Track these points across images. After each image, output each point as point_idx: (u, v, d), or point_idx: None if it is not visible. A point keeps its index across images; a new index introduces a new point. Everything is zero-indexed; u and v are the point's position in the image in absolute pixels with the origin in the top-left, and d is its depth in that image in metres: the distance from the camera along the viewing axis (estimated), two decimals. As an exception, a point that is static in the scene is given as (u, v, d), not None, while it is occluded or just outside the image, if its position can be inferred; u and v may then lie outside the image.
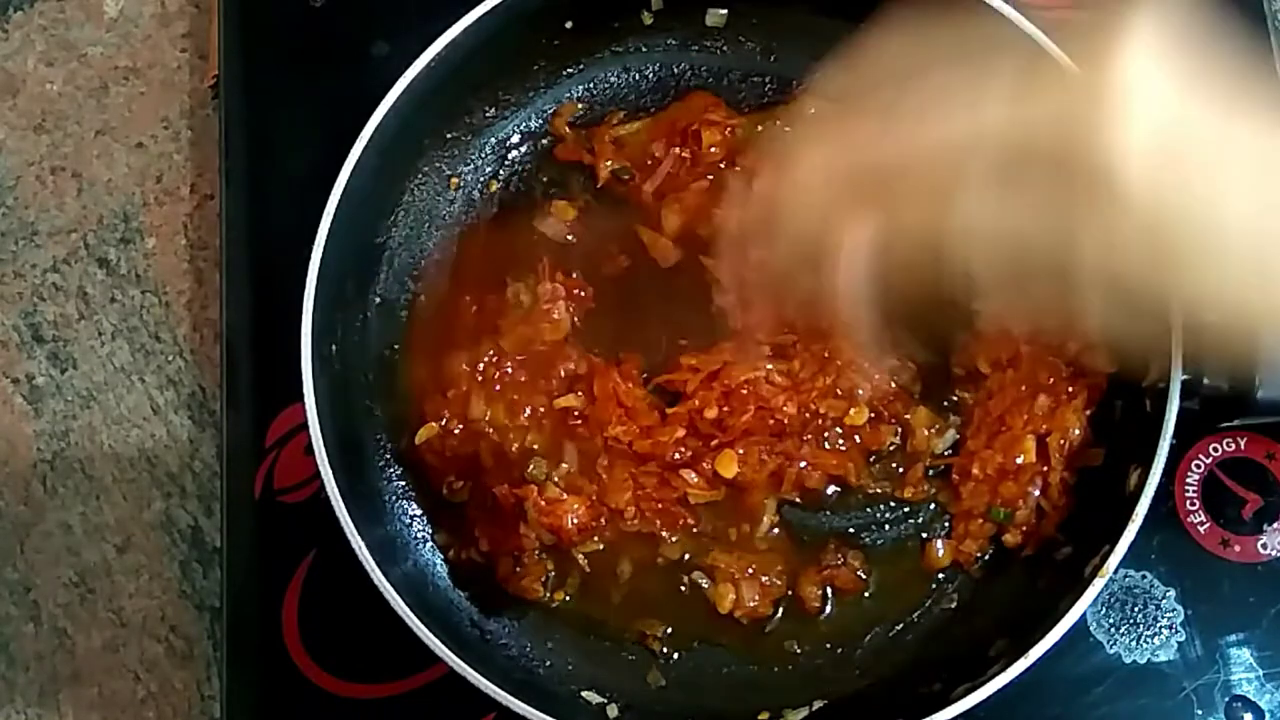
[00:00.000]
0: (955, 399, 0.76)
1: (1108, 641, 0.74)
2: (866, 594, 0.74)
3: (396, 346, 0.79)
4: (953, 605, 0.74)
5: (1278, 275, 0.51)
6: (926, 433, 0.75)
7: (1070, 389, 0.71)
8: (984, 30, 0.57)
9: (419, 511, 0.77)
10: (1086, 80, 0.50)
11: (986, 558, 0.74)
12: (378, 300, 0.80)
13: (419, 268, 0.81)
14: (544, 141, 0.83)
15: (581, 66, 0.84)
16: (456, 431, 0.75)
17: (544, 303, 0.77)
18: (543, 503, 0.73)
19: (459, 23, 0.74)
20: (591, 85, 0.84)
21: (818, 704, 0.72)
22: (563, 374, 0.76)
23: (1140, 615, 0.74)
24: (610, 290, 0.79)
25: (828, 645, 0.74)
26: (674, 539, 0.75)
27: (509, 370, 0.76)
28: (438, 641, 0.65)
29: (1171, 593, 0.75)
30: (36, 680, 0.81)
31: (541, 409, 0.76)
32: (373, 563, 0.67)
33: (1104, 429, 0.73)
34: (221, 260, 0.83)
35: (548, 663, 0.74)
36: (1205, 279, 0.51)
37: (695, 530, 0.75)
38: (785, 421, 0.73)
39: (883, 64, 0.59)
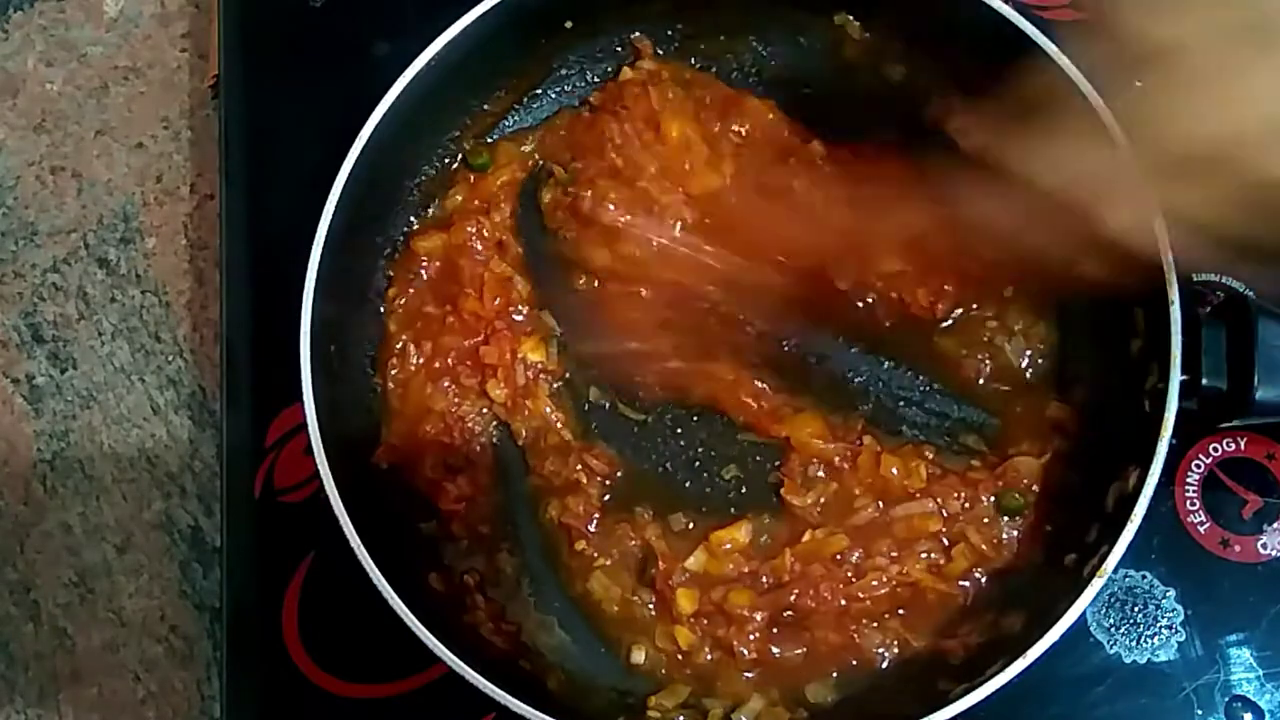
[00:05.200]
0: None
1: (1108, 641, 0.74)
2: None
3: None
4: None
5: None
6: None
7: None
8: None
9: (418, 511, 0.77)
10: None
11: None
12: (378, 300, 0.80)
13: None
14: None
15: (581, 66, 0.84)
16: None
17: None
18: None
19: (459, 22, 0.75)
20: (591, 85, 0.84)
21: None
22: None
23: (1140, 615, 0.74)
24: None
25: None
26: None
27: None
28: (438, 642, 0.66)
29: (1171, 593, 0.75)
30: (36, 680, 0.81)
31: None
32: (372, 563, 0.67)
33: (1104, 429, 0.73)
34: (221, 260, 0.83)
35: (548, 662, 0.74)
36: None
37: None
38: None
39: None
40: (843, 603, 0.72)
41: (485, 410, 0.78)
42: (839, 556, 0.73)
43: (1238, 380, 0.68)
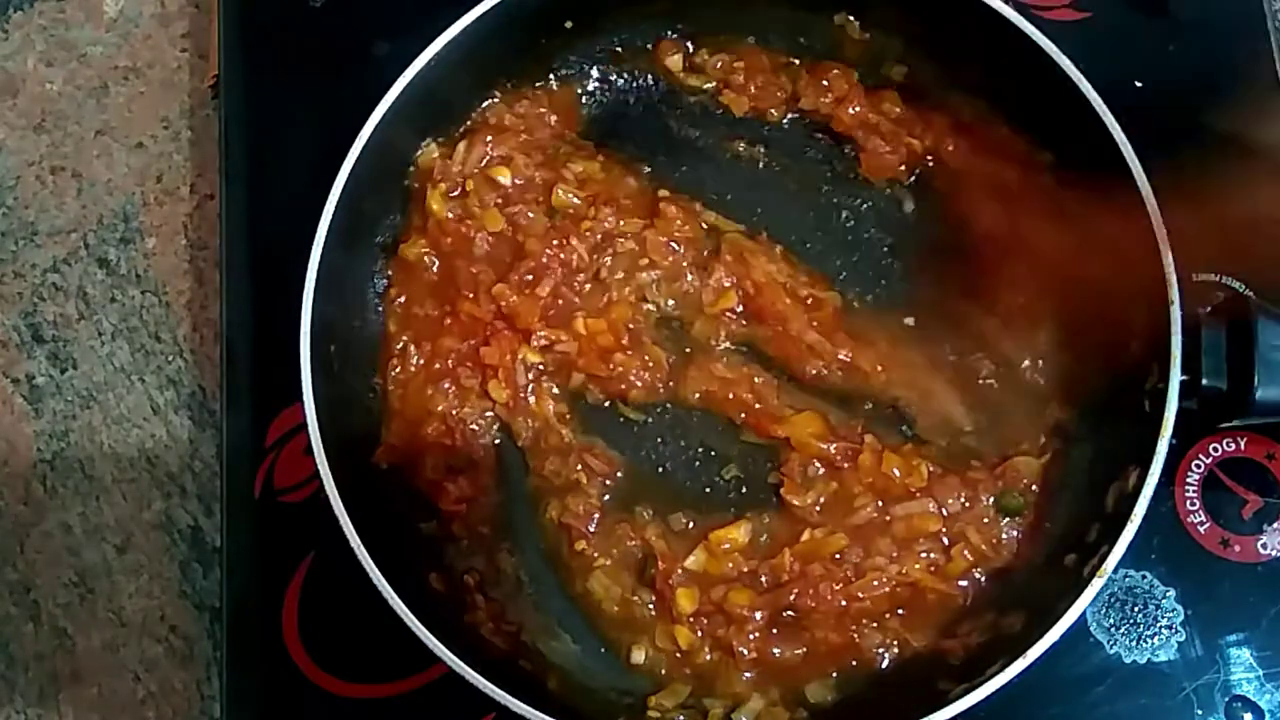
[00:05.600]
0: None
1: (1108, 641, 0.74)
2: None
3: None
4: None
5: None
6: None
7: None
8: None
9: (418, 511, 0.77)
10: None
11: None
12: (378, 300, 0.80)
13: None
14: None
15: (582, 66, 0.84)
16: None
17: None
18: None
19: (458, 22, 0.75)
20: (590, 85, 0.84)
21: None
22: None
23: (1140, 615, 0.74)
24: None
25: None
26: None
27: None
28: (438, 642, 0.66)
29: (1171, 593, 0.75)
30: (36, 680, 0.81)
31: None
32: (372, 563, 0.67)
33: (1103, 429, 0.73)
34: (221, 260, 0.83)
35: (548, 662, 0.74)
36: None
37: None
38: None
39: None
40: (843, 603, 0.72)
41: (489, 412, 0.78)
42: (838, 556, 0.73)
43: (1238, 380, 0.68)
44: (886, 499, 0.74)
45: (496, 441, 0.78)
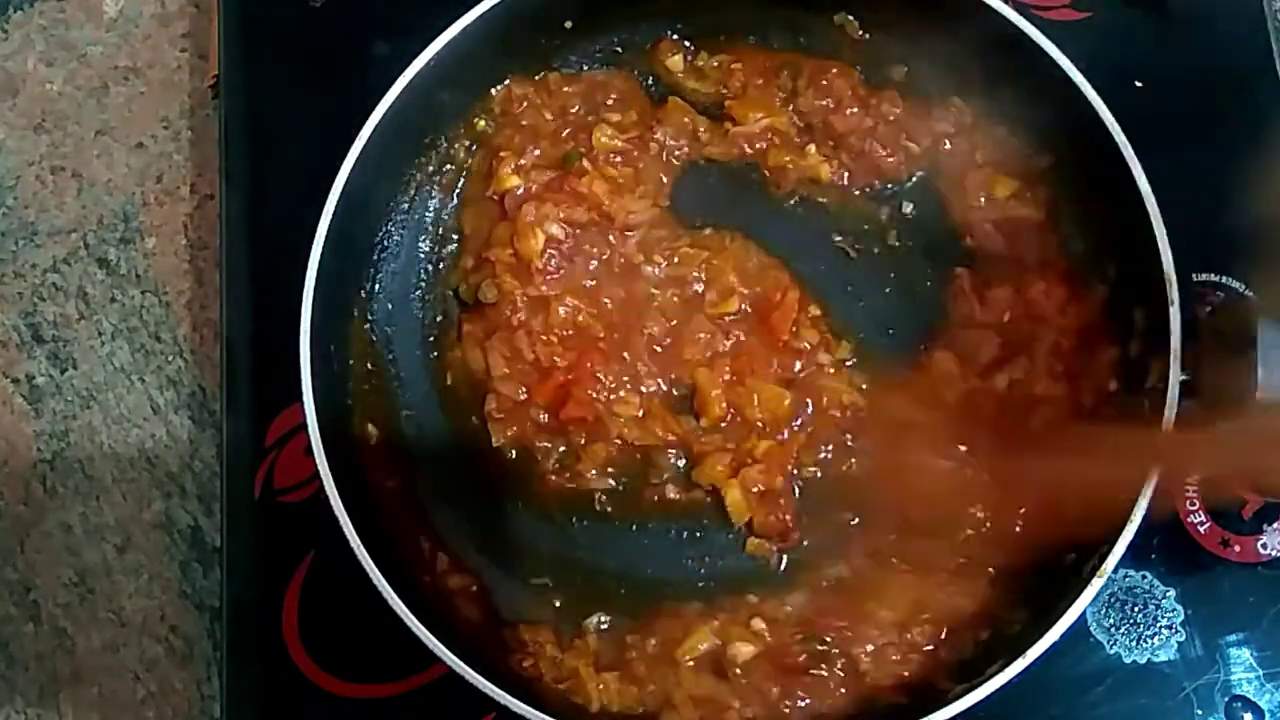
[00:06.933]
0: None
1: (1108, 641, 0.74)
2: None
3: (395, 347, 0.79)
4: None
5: None
6: None
7: None
8: None
9: (418, 511, 0.77)
10: None
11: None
12: (377, 299, 0.80)
13: (415, 266, 0.81)
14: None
15: (581, 67, 0.84)
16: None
17: None
18: None
19: (459, 22, 0.75)
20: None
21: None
22: None
23: (1140, 615, 0.74)
24: None
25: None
26: None
27: None
28: (437, 641, 0.66)
29: (1171, 593, 0.75)
30: (36, 680, 0.81)
31: None
32: (372, 563, 0.67)
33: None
34: (221, 260, 0.83)
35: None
36: None
37: None
38: None
39: None
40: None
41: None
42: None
43: (1238, 380, 0.68)
44: None
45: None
